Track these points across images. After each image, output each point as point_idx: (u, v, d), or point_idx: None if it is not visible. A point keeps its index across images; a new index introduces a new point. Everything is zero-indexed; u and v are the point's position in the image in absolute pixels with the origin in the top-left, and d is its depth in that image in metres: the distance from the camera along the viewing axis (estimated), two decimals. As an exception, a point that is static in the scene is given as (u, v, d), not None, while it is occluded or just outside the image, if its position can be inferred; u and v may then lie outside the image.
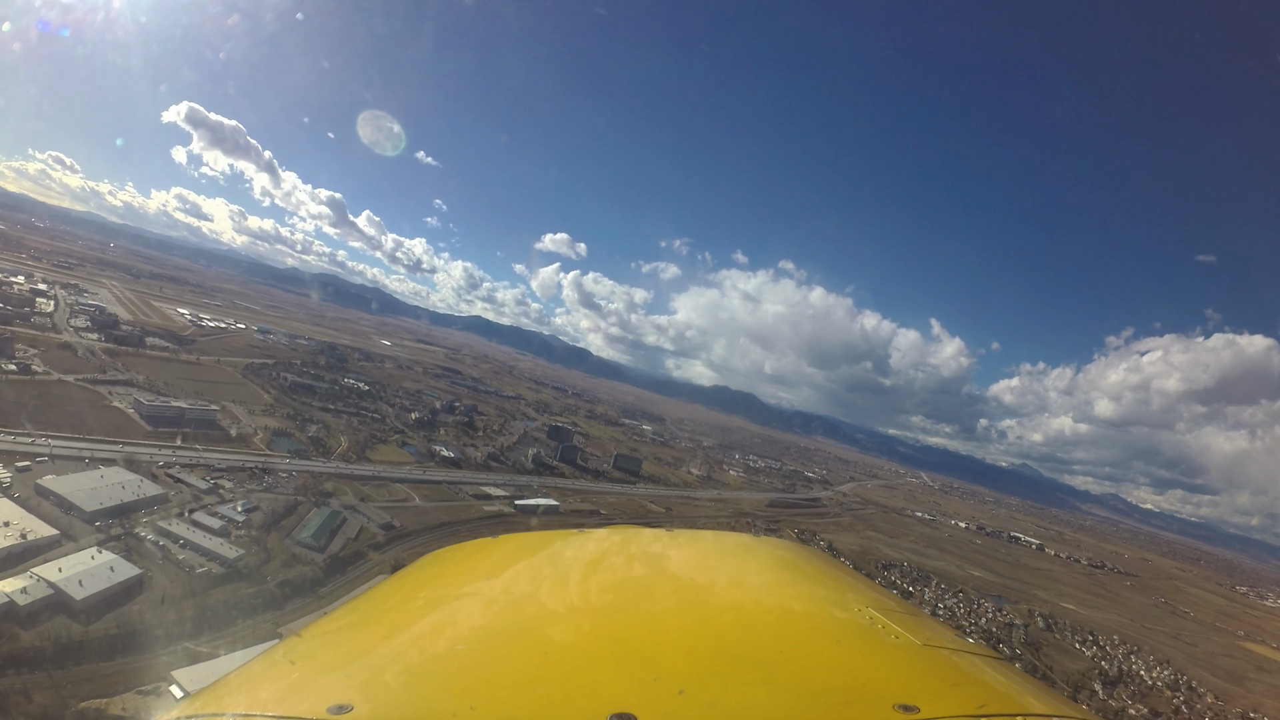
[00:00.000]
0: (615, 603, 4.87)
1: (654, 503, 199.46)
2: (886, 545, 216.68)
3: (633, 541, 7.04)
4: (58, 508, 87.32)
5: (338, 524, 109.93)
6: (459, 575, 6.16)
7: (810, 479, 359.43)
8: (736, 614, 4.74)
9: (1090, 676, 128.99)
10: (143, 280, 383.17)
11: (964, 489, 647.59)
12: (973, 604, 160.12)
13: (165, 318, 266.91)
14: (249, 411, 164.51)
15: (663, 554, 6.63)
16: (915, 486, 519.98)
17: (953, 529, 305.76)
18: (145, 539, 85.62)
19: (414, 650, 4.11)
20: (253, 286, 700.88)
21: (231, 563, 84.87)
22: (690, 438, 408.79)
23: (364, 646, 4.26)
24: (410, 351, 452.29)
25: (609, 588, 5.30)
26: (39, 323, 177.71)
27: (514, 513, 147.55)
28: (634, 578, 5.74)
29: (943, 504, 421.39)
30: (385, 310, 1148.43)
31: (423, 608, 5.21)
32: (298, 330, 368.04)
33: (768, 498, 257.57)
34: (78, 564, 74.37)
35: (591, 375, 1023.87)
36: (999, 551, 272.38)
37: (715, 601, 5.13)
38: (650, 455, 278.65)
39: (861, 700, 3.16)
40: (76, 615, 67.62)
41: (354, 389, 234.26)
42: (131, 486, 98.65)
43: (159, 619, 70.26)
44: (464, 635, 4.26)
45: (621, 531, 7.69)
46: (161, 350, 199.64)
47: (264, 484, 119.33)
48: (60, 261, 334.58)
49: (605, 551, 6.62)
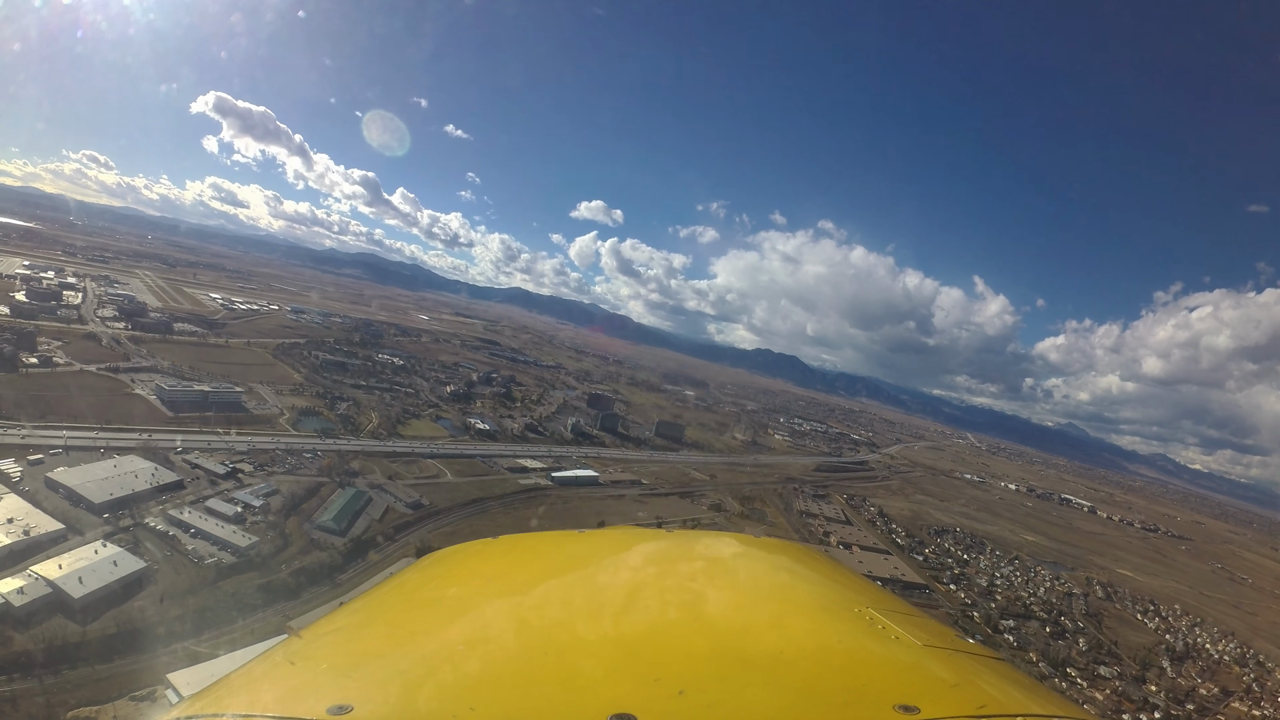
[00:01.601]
0: (615, 603, 4.99)
1: (698, 470, 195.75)
2: (937, 509, 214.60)
3: (632, 542, 7.33)
4: (66, 500, 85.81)
5: (361, 505, 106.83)
6: (459, 576, 6.35)
7: (856, 441, 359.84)
8: (736, 614, 4.86)
9: (1157, 652, 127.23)
10: (178, 269, 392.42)
11: (1011, 450, 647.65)
12: (1030, 572, 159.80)
13: (196, 303, 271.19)
14: (276, 392, 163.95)
15: (662, 554, 6.81)
16: (962, 448, 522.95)
17: (1003, 491, 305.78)
18: (154, 530, 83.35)
19: (414, 650, 4.15)
20: (290, 269, 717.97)
21: (243, 551, 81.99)
22: (734, 402, 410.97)
23: (364, 646, 4.36)
24: (448, 325, 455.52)
25: (609, 588, 5.48)
26: (65, 315, 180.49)
27: (551, 486, 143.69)
28: (634, 578, 5.82)
29: (991, 465, 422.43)
30: (424, 286, 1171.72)
31: (423, 608, 5.35)
32: (333, 309, 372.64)
33: (814, 462, 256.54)
34: (80, 560, 72.11)
35: (633, 342, 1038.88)
36: (1050, 514, 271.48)
37: (715, 602, 5.16)
38: (693, 421, 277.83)
39: (861, 700, 3.25)
40: (74, 615, 65.15)
41: (388, 364, 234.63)
42: (145, 475, 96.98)
43: (161, 616, 67.43)
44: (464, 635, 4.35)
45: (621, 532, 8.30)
46: (189, 335, 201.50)
47: (286, 466, 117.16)
48: (94, 255, 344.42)
49: (605, 552, 6.84)
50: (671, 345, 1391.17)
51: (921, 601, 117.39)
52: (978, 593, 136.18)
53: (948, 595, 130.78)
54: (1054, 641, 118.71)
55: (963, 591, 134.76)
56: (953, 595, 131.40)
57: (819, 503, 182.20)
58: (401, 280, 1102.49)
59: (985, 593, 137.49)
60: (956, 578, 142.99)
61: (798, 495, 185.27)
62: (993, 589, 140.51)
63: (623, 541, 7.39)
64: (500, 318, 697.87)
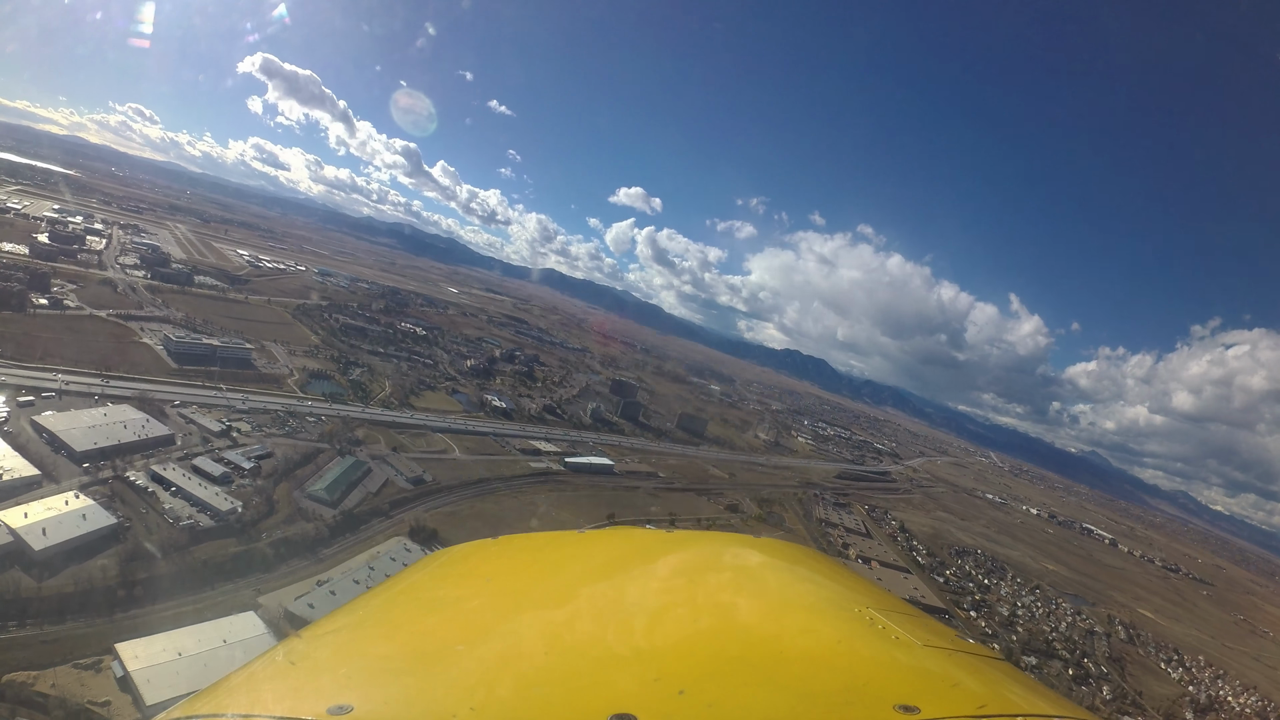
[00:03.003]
0: (615, 603, 5.11)
1: (717, 467, 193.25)
2: (959, 528, 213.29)
3: (632, 542, 7.45)
4: (49, 446, 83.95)
5: (359, 476, 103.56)
6: (459, 576, 6.50)
7: (880, 451, 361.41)
8: (736, 614, 4.91)
9: (1181, 704, 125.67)
10: (212, 225, 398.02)
11: (1033, 473, 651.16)
12: (1051, 604, 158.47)
13: (222, 258, 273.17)
14: (290, 352, 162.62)
15: (663, 554, 6.82)
16: (985, 466, 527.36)
17: (1024, 515, 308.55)
18: (134, 484, 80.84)
19: (414, 651, 4.27)
20: (324, 233, 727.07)
21: (223, 515, 78.94)
22: (759, 401, 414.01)
23: (364, 647, 4.48)
24: (477, 300, 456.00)
25: (609, 588, 5.58)
26: (85, 259, 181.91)
27: (563, 471, 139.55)
28: (634, 578, 5.92)
29: (1013, 487, 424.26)
30: (458, 260, 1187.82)
31: (422, 608, 5.46)
32: (362, 275, 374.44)
33: (836, 468, 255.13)
34: (48, 510, 69.60)
35: (662, 332, 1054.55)
36: (1071, 543, 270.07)
37: (715, 602, 5.24)
38: (717, 416, 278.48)
39: (861, 700, 3.31)
40: (31, 568, 62.49)
41: (409, 333, 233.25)
42: (135, 426, 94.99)
43: (124, 578, 64.33)
44: (464, 635, 4.45)
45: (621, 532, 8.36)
46: (209, 289, 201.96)
47: (286, 429, 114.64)
48: (130, 206, 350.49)
49: (605, 552, 6.94)
50: (701, 338, 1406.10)
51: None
52: (999, 622, 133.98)
53: (968, 623, 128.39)
54: (1077, 687, 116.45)
55: (984, 620, 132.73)
56: (973, 623, 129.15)
57: (839, 512, 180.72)
58: (436, 253, 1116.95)
59: (1007, 623, 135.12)
60: (977, 604, 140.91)
61: (818, 502, 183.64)
62: (1014, 620, 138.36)
63: (622, 542, 7.56)
64: (531, 297, 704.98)
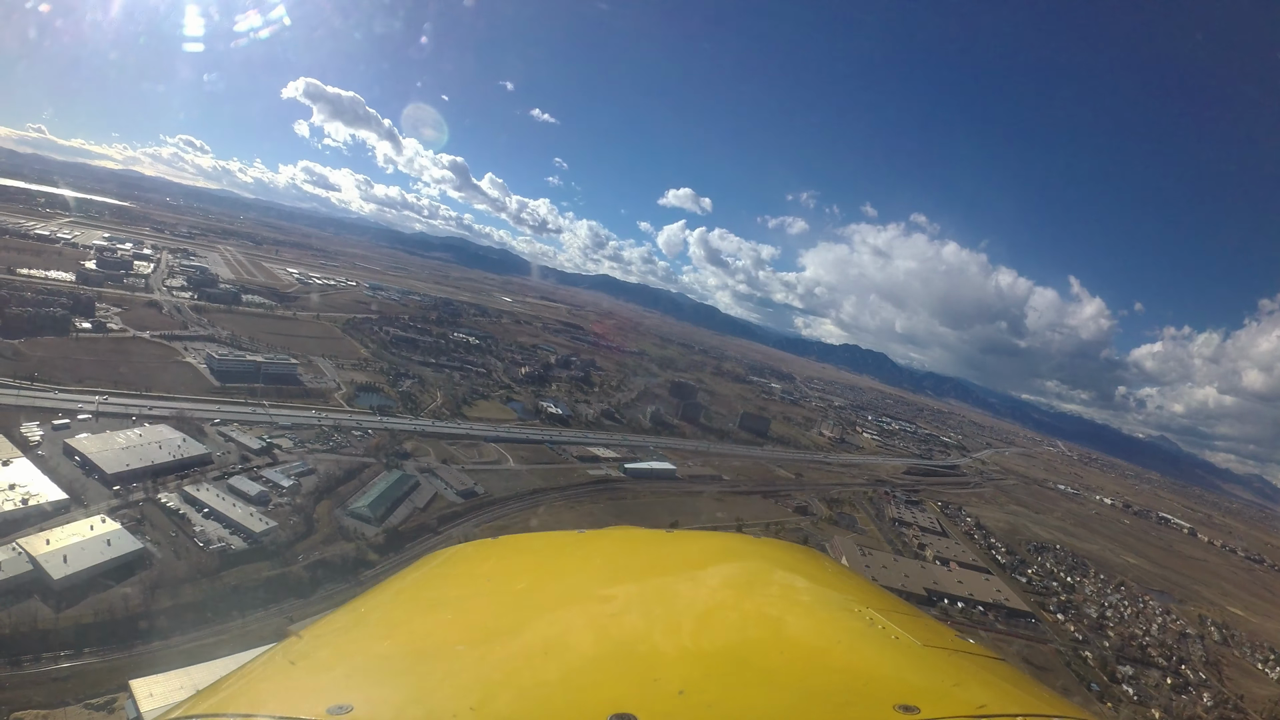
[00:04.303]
0: (615, 603, 5.10)
1: (782, 467, 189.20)
2: (1034, 522, 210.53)
3: (632, 542, 7.61)
4: (80, 469, 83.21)
5: (405, 490, 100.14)
6: (459, 576, 6.59)
7: (946, 444, 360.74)
8: (736, 614, 5.02)
9: None
10: (264, 246, 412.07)
11: (1103, 461, 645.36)
12: (1138, 602, 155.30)
13: (271, 276, 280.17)
14: (337, 366, 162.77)
15: (662, 554, 7.08)
16: (1053, 456, 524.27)
17: (1098, 505, 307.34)
18: (165, 506, 79.05)
19: (414, 650, 4.33)
20: (377, 250, 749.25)
21: (257, 537, 76.07)
22: (820, 397, 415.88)
23: (364, 646, 4.54)
24: (531, 308, 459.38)
25: (609, 588, 5.57)
26: (131, 283, 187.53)
27: (623, 478, 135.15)
28: (634, 578, 6.04)
29: (1084, 476, 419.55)
30: (511, 270, 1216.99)
31: (423, 608, 5.55)
32: (414, 288, 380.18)
33: (904, 464, 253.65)
34: (71, 535, 67.73)
35: (719, 333, 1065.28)
36: (1149, 534, 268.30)
37: (715, 602, 5.35)
38: (779, 415, 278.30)
39: (861, 700, 3.41)
40: (50, 598, 60.28)
41: (462, 343, 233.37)
42: (170, 446, 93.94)
43: (147, 607, 61.56)
44: (464, 635, 4.50)
45: (621, 532, 8.22)
46: (256, 307, 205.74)
47: (330, 444, 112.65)
48: (181, 232, 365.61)
49: (605, 552, 7.12)
50: (758, 337, 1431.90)
51: (1028, 634, 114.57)
52: (1088, 625, 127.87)
53: (1055, 627, 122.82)
54: (1177, 695, 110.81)
55: (1071, 623, 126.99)
56: (1061, 627, 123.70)
57: (912, 510, 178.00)
58: (489, 264, 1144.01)
59: (1096, 626, 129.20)
60: (1063, 605, 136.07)
61: (889, 500, 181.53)
62: (1103, 622, 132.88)
63: (622, 542, 7.63)
64: (586, 303, 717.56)
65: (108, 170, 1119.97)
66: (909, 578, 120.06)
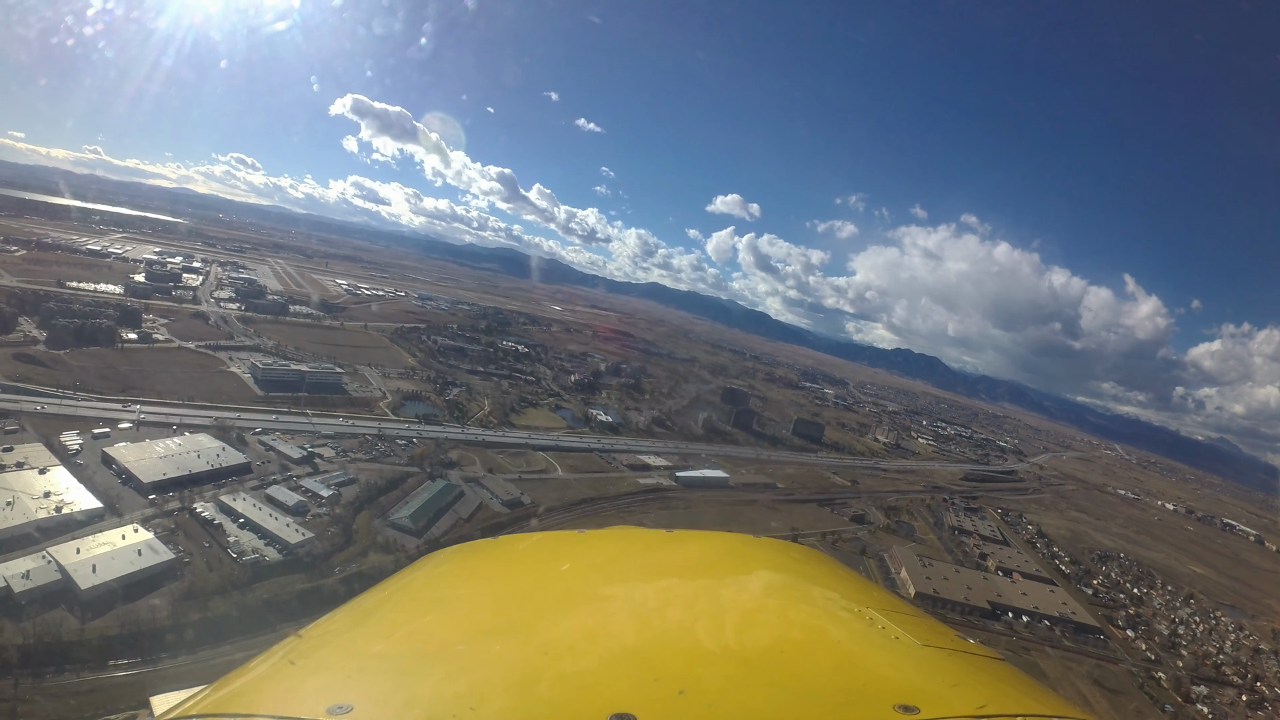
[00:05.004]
0: (615, 603, 5.27)
1: (837, 474, 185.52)
2: (1095, 529, 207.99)
3: (632, 542, 7.82)
4: (117, 478, 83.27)
5: (449, 501, 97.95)
6: (459, 575, 6.73)
7: (1003, 449, 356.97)
8: (736, 614, 5.09)
9: None
10: (315, 259, 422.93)
11: (1162, 464, 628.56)
12: (1209, 617, 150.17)
13: (320, 288, 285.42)
14: (384, 375, 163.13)
15: (662, 554, 7.14)
16: (1112, 460, 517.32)
17: (1160, 511, 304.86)
18: (200, 516, 78.05)
19: (414, 650, 4.38)
20: (427, 261, 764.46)
21: (292, 549, 74.39)
22: (874, 402, 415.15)
23: (364, 646, 4.60)
24: (581, 316, 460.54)
25: (608, 588, 5.76)
26: (179, 295, 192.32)
27: (674, 486, 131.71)
28: (634, 578, 6.21)
29: (1144, 481, 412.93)
30: (561, 280, 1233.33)
31: (423, 608, 5.63)
32: (463, 298, 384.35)
33: (961, 469, 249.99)
34: (101, 545, 67.03)
35: (771, 339, 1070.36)
36: (1214, 542, 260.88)
37: (715, 602, 5.42)
38: (832, 421, 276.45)
39: (861, 700, 3.47)
40: (78, 608, 59.19)
41: (511, 351, 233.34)
42: (209, 455, 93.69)
43: (175, 619, 60.01)
44: (464, 635, 4.60)
45: (621, 531, 8.50)
46: (304, 317, 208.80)
47: (373, 453, 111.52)
48: (232, 246, 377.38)
49: (604, 552, 7.22)
50: (809, 343, 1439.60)
51: (1098, 652, 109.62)
52: (1160, 644, 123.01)
53: (1126, 644, 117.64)
54: (1253, 713, 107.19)
55: (1143, 641, 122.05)
56: (1132, 645, 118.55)
57: (972, 518, 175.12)
58: (539, 274, 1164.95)
59: (1169, 645, 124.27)
60: (1132, 620, 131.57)
61: (948, 508, 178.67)
62: (1175, 640, 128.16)
63: (622, 542, 7.77)
64: (636, 311, 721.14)
65: (162, 189, 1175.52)
66: (972, 590, 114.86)
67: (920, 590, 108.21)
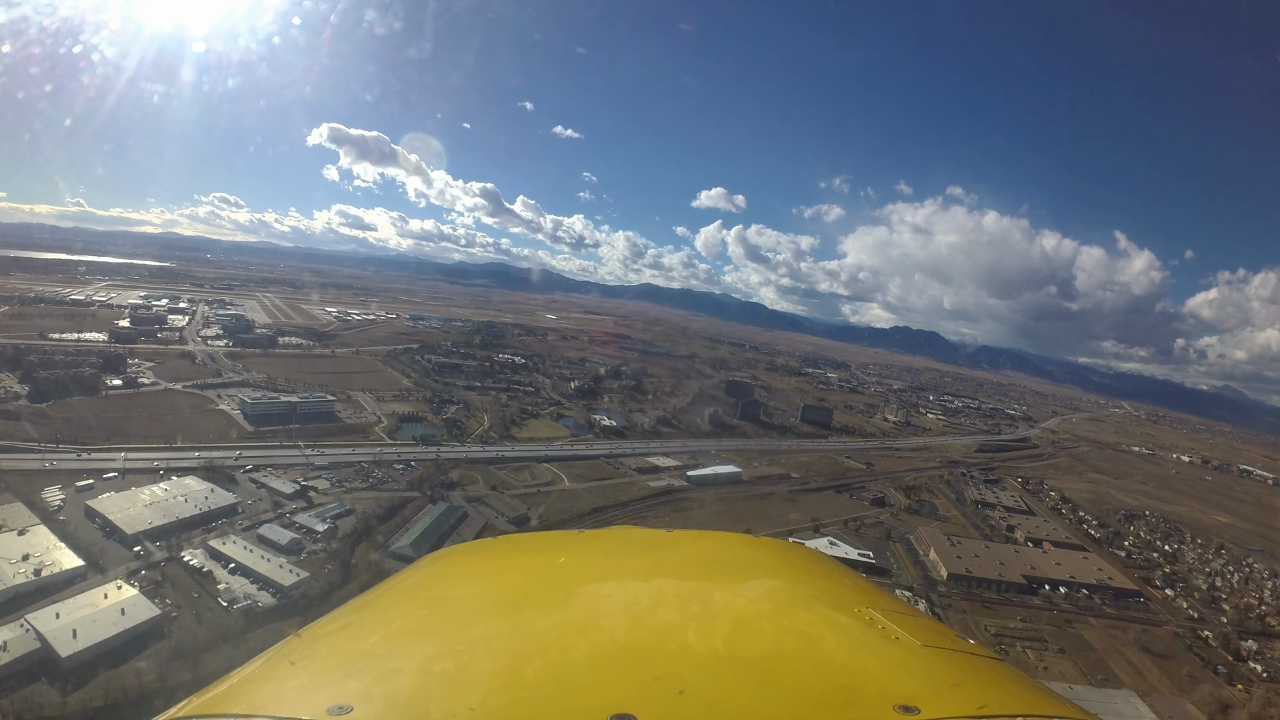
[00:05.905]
0: (614, 603, 5.25)
1: (851, 458, 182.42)
2: (1116, 489, 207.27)
3: (631, 542, 7.85)
4: (100, 531, 79.46)
5: (452, 524, 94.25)
6: (458, 576, 6.65)
7: (1013, 416, 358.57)
8: (736, 614, 5.06)
9: None
10: (304, 290, 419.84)
11: (1171, 417, 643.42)
12: (1242, 565, 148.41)
13: (309, 317, 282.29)
14: (378, 399, 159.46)
15: (662, 554, 7.11)
16: (1121, 418, 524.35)
17: (1176, 464, 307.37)
18: (188, 565, 74.16)
19: (413, 651, 4.37)
20: (418, 282, 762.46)
21: (286, 591, 70.60)
22: (878, 382, 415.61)
23: (364, 647, 4.55)
24: (576, 323, 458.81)
25: (608, 588, 5.77)
26: (165, 337, 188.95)
27: (686, 486, 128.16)
28: (633, 578, 6.16)
29: (1155, 435, 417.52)
30: (554, 289, 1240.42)
31: (422, 608, 5.56)
32: (456, 315, 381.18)
33: (975, 441, 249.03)
34: (83, 607, 63.13)
35: (768, 329, 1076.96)
36: (1234, 489, 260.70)
37: (715, 601, 5.38)
38: (839, 404, 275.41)
39: (861, 700, 3.47)
40: (59, 679, 55.29)
41: (507, 364, 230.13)
42: (197, 499, 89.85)
43: (164, 681, 55.98)
44: (464, 635, 4.56)
45: (620, 531, 8.64)
46: (294, 348, 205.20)
47: (370, 480, 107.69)
48: (221, 285, 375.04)
49: (604, 552, 7.28)
50: (807, 329, 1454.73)
51: (1141, 616, 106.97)
52: (1200, 600, 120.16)
53: (1166, 604, 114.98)
54: None
55: (1182, 598, 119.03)
56: (1172, 604, 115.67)
57: (993, 489, 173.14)
58: (531, 285, 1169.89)
59: (1209, 600, 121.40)
60: (1169, 578, 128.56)
61: (967, 482, 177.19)
62: (1214, 594, 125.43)
63: (622, 542, 7.84)
64: (631, 313, 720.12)
65: (148, 234, 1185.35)
66: (1004, 565, 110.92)
67: (953, 571, 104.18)
